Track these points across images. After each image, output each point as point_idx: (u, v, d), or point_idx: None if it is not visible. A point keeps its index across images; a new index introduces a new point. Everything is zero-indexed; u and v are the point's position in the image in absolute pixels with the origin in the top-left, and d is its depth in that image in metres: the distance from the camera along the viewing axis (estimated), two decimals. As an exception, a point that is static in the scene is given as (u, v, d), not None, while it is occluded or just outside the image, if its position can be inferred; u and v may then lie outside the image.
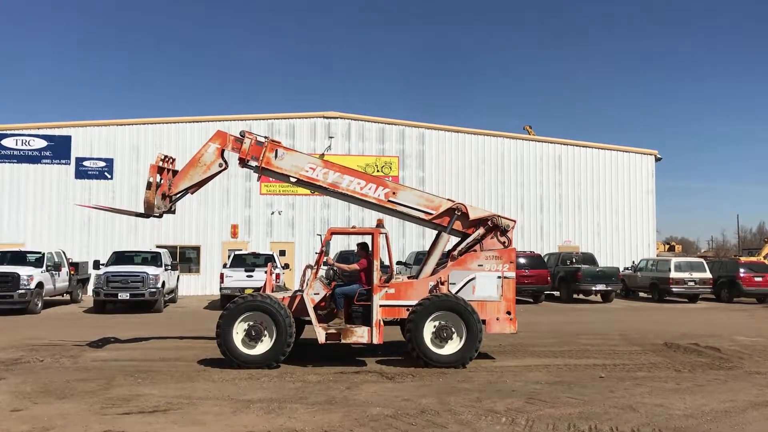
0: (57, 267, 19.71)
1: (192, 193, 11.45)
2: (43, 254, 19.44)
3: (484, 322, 9.99)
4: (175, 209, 11.42)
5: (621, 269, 25.97)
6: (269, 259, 20.89)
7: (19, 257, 19.40)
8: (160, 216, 11.22)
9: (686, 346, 11.97)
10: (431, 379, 8.88)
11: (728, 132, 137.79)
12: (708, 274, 24.40)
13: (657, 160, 31.16)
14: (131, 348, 11.65)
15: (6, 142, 26.36)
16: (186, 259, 27.14)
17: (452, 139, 29.75)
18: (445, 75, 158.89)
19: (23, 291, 17.62)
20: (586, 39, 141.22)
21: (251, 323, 9.55)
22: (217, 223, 27.63)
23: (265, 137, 10.97)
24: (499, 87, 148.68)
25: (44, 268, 18.91)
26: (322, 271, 12.10)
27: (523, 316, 15.35)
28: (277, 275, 18.63)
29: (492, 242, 10.43)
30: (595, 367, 9.80)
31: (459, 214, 10.55)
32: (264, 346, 9.54)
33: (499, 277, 10.19)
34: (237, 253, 22.23)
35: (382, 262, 10.74)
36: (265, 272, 11.50)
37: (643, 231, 30.65)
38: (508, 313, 10.23)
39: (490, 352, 10.91)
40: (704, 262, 26.18)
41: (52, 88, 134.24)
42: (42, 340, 12.42)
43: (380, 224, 10.67)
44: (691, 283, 24.02)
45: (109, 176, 26.95)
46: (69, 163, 26.72)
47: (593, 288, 23.43)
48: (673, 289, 23.89)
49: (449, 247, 10.82)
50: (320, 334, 9.74)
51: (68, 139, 26.81)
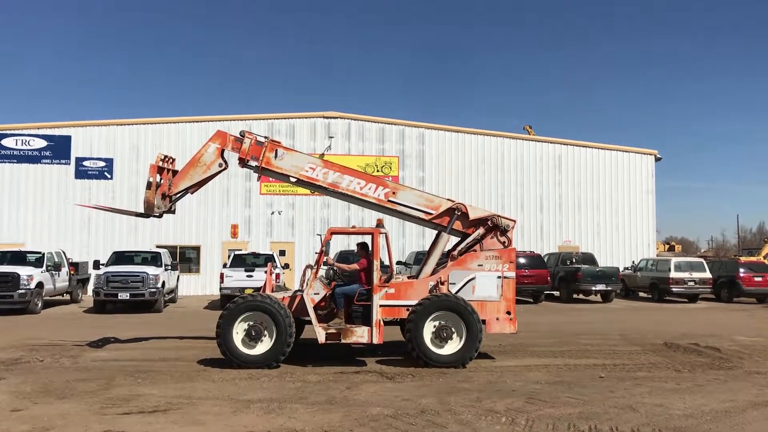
0: (57, 267, 19.71)
1: (192, 193, 11.45)
2: (43, 254, 19.45)
3: (484, 322, 9.99)
4: (175, 209, 11.42)
5: (621, 269, 25.96)
6: (269, 259, 20.89)
7: (19, 257, 19.40)
8: (160, 216, 11.22)
9: (686, 346, 11.97)
10: (431, 379, 8.88)
11: (728, 132, 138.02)
12: (708, 274, 24.40)
13: (657, 160, 31.17)
14: (131, 348, 11.65)
15: (6, 142, 26.37)
16: (186, 259, 27.14)
17: (452, 139, 29.75)
18: (445, 75, 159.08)
19: (23, 291, 17.62)
20: (586, 39, 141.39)
21: (251, 323, 9.55)
22: (217, 223, 27.63)
23: (265, 137, 10.97)
24: (499, 87, 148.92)
25: (44, 268, 18.91)
26: (322, 271, 12.09)
27: (523, 316, 15.35)
28: (277, 275, 18.63)
29: (492, 242, 10.43)
30: (595, 367, 9.80)
31: (459, 214, 10.55)
32: (264, 346, 9.54)
33: (499, 277, 10.19)
34: (237, 253, 22.24)
35: (382, 262, 10.74)
36: (265, 272, 11.51)
37: (643, 231, 30.65)
38: (508, 313, 10.23)
39: (490, 352, 10.91)
40: (704, 262, 26.16)
41: (52, 88, 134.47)
42: (42, 340, 12.42)
43: (380, 224, 10.67)
44: (691, 283, 24.02)
45: (109, 176, 26.95)
46: (69, 163, 26.72)
47: (593, 288, 23.42)
48: (673, 289, 23.88)
49: (449, 247, 10.82)
50: (320, 334, 9.74)
51: (68, 139, 26.82)
